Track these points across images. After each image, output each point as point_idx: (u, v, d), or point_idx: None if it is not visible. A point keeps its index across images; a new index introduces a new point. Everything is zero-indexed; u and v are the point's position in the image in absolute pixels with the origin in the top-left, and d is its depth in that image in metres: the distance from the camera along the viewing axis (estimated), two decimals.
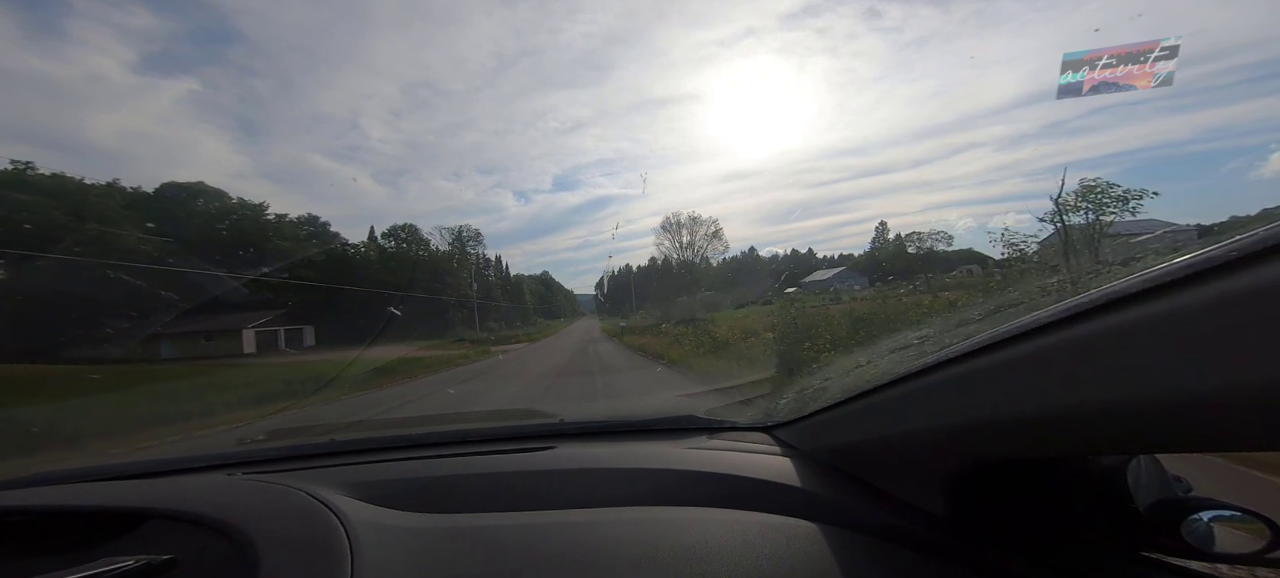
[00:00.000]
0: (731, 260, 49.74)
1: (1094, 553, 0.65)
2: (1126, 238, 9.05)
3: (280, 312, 34.08)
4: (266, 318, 32.54)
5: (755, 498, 0.87)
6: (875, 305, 10.94)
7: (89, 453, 6.63)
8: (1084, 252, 8.33)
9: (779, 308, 11.76)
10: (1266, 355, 0.31)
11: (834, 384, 1.27)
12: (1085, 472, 0.66)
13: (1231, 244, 0.33)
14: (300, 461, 1.27)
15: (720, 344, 13.52)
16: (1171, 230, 8.84)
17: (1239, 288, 0.32)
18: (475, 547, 0.76)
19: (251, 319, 31.17)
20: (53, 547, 0.89)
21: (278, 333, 33.73)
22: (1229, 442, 0.42)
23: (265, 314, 32.29)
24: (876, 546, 0.74)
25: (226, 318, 29.65)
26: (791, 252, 75.96)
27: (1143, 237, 8.99)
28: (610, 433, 1.35)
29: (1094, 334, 0.40)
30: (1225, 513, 0.57)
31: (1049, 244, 9.24)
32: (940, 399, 0.61)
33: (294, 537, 0.75)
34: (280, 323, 33.97)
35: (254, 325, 31.42)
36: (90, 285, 22.76)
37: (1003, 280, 9.28)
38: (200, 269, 28.06)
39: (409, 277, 42.57)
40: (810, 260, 71.68)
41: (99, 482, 1.17)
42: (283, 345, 33.35)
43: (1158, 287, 0.36)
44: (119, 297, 23.35)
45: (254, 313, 31.36)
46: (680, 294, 38.22)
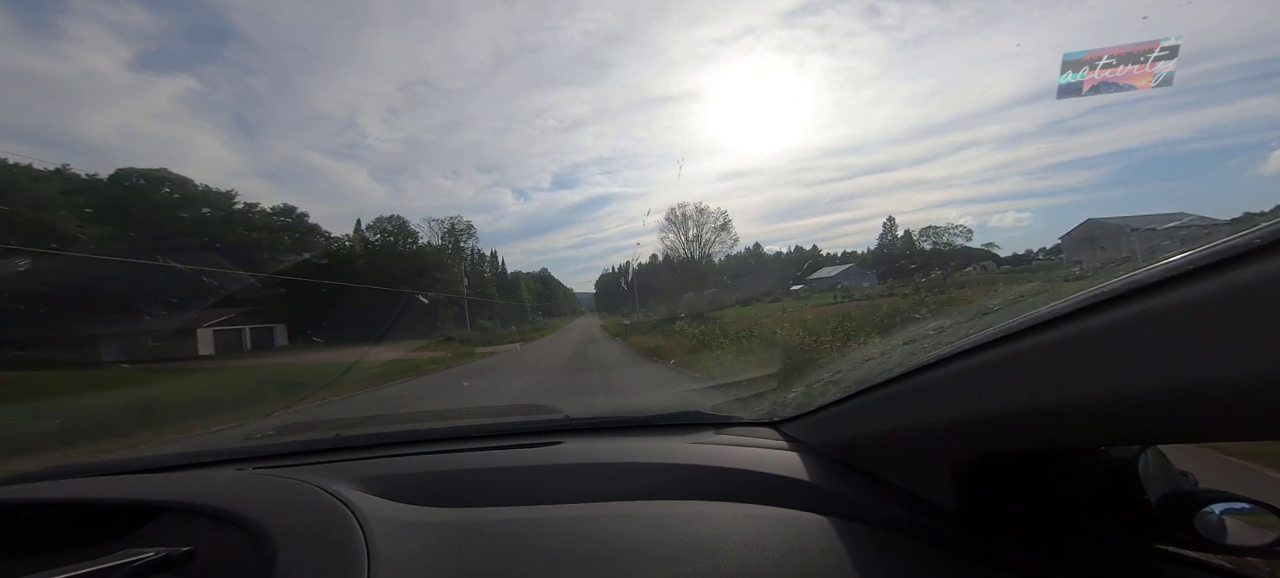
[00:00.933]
0: (735, 257, 47.60)
1: (1106, 546, 0.64)
2: (1155, 228, 9.56)
3: (246, 309, 30.92)
4: (227, 316, 29.20)
5: (763, 492, 0.87)
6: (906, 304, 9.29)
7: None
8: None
9: (787, 306, 10.36)
10: (1275, 345, 0.32)
11: (845, 378, 1.26)
12: (1095, 465, 0.65)
13: (1245, 236, 0.33)
14: (309, 455, 1.26)
15: (760, 344, 10.82)
16: (1195, 222, 9.12)
17: (1251, 279, 0.33)
18: (487, 540, 0.76)
19: (208, 317, 27.83)
20: (72, 540, 0.88)
21: (242, 333, 30.46)
22: (1241, 431, 0.42)
23: (225, 312, 28.96)
24: (885, 538, 0.74)
25: (180, 317, 26.38)
26: (795, 248, 74.66)
27: (1170, 224, 8.76)
28: (616, 428, 1.36)
29: (1109, 326, 0.41)
30: (1237, 506, 0.57)
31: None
32: (954, 392, 0.61)
33: (310, 531, 0.75)
34: (246, 322, 30.72)
35: (211, 324, 28.07)
36: (9, 279, 19.47)
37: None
38: (148, 261, 24.86)
39: (395, 272, 39.46)
40: (815, 257, 70.37)
41: (113, 476, 1.18)
42: (247, 346, 30.13)
43: (1173, 278, 0.37)
44: (46, 290, 20.21)
45: (213, 311, 28.06)
46: (686, 291, 35.26)
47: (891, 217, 60.39)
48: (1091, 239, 40.01)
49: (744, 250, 47.44)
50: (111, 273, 23.75)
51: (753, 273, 50.54)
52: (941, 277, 45.43)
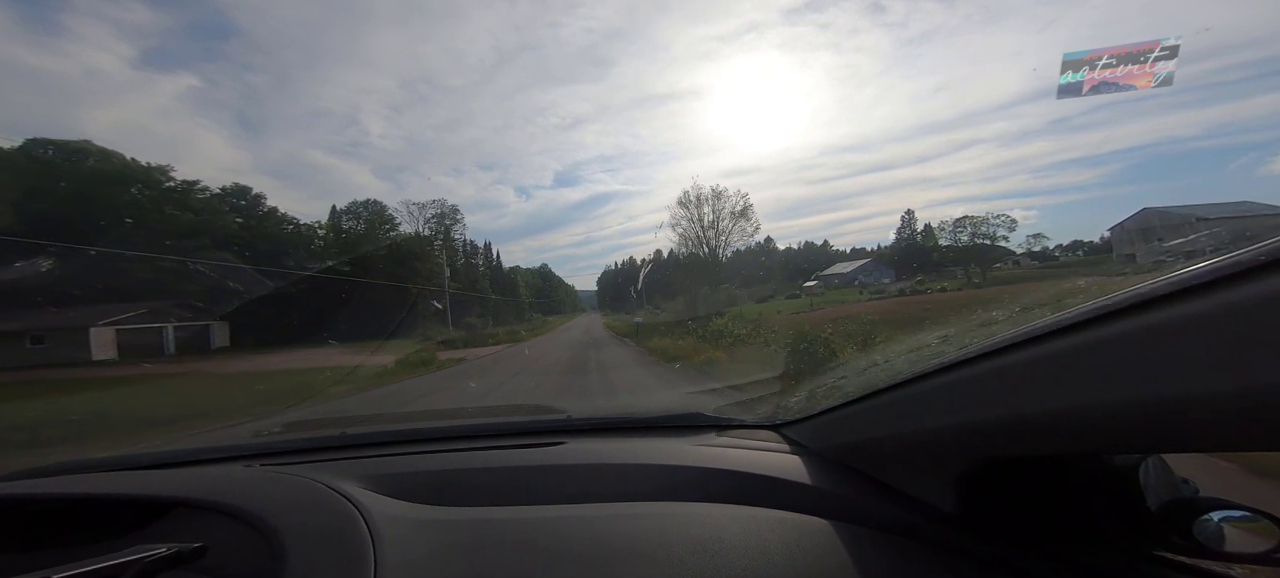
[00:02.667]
0: (746, 251, 43.10)
1: (1106, 552, 0.65)
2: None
3: (172, 301, 25.57)
4: (137, 312, 23.83)
5: (764, 495, 0.88)
6: None
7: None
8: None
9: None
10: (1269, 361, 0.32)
11: (849, 383, 1.28)
12: (1097, 471, 0.65)
13: (1256, 250, 0.34)
14: (315, 453, 1.27)
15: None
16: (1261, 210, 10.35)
17: (1261, 293, 0.33)
18: (491, 539, 0.77)
19: (107, 313, 22.48)
20: (82, 536, 0.89)
21: (163, 332, 25.03)
22: (1245, 441, 0.43)
23: (133, 306, 23.60)
24: (887, 541, 0.74)
25: (71, 312, 20.98)
26: (805, 244, 70.67)
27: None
28: (618, 429, 1.36)
29: (1117, 336, 0.41)
30: (1235, 513, 0.57)
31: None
32: (959, 397, 0.61)
33: (317, 528, 0.76)
34: (167, 319, 25.28)
35: (109, 321, 22.64)
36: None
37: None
38: (27, 240, 19.50)
39: (371, 263, 34.17)
40: (826, 253, 66.21)
41: (122, 471, 1.19)
42: (169, 350, 24.74)
43: (1182, 290, 0.37)
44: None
45: (117, 306, 22.64)
46: (701, 286, 30.24)
47: (910, 210, 56.50)
48: (1147, 231, 35.90)
49: (755, 244, 42.52)
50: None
51: (765, 268, 45.81)
52: (980, 271, 40.30)
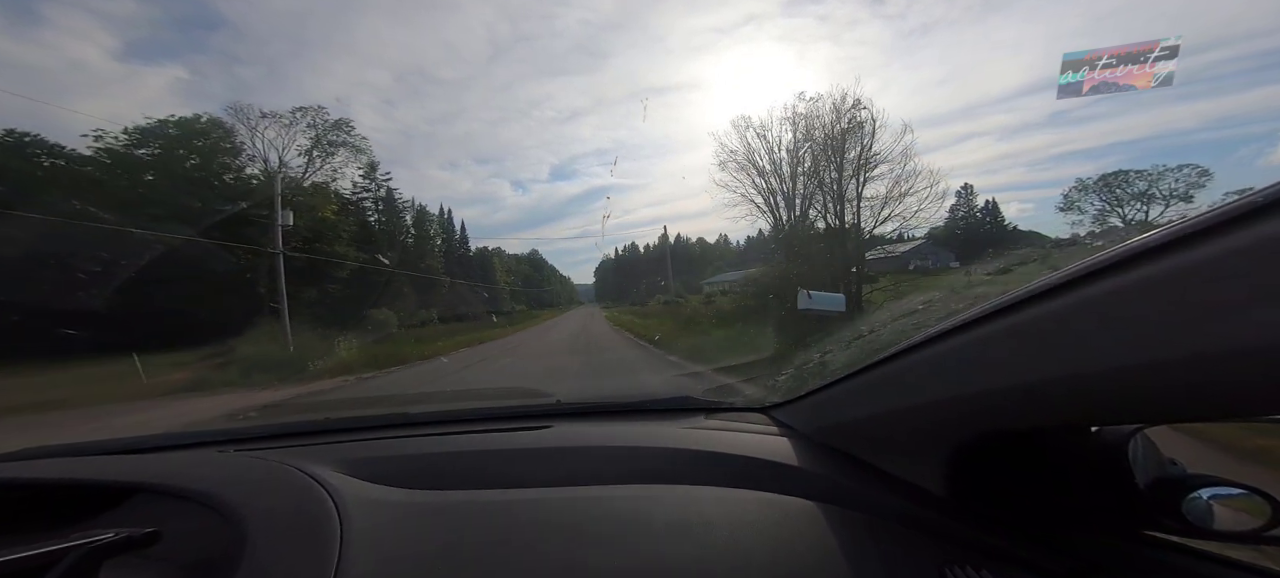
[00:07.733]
0: (755, 241, 33.43)
1: (1095, 532, 0.65)
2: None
3: None
4: None
5: (751, 477, 0.87)
6: None
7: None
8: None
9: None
10: (1263, 315, 0.31)
11: (834, 360, 1.32)
12: (1085, 449, 0.64)
13: (1230, 206, 0.33)
14: (292, 438, 1.25)
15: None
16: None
17: (1236, 246, 0.32)
18: (467, 521, 0.75)
19: None
20: (41, 522, 0.87)
21: None
22: (1232, 407, 0.42)
23: None
24: (874, 523, 0.74)
25: None
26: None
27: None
28: (606, 413, 1.35)
29: (1099, 296, 0.40)
30: (1224, 490, 0.56)
31: None
32: (945, 370, 0.60)
33: (283, 511, 0.74)
34: None
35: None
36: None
37: None
38: None
39: (194, 210, 21.12)
40: (859, 235, 56.29)
41: (88, 456, 1.16)
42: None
43: (1159, 247, 0.36)
44: None
45: None
46: (798, 262, 17.81)
47: (968, 184, 47.19)
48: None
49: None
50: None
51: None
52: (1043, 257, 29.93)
